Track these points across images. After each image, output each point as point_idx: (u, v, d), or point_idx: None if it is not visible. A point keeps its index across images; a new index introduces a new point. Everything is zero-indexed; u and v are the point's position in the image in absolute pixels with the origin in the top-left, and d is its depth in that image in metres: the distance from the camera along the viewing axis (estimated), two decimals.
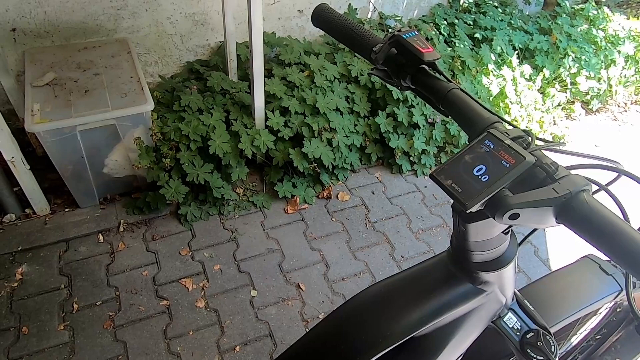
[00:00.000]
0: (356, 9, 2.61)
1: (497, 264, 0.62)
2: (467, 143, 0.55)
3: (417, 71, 0.67)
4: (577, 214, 0.47)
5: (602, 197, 0.52)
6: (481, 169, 0.50)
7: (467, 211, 0.49)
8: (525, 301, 0.75)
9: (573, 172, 0.51)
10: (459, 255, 0.64)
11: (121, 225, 1.91)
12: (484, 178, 0.50)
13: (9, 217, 1.88)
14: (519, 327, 0.73)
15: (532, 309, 0.74)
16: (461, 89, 0.64)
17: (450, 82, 0.65)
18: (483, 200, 0.49)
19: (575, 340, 1.23)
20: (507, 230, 0.59)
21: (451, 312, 0.62)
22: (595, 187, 0.53)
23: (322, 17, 0.78)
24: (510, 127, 0.56)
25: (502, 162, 0.50)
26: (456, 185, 0.50)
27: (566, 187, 0.48)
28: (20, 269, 1.73)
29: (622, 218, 0.47)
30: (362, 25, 0.74)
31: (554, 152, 0.56)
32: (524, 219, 0.49)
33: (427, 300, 0.62)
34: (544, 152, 0.54)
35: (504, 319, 0.73)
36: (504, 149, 0.51)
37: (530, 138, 0.53)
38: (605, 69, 2.90)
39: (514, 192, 0.49)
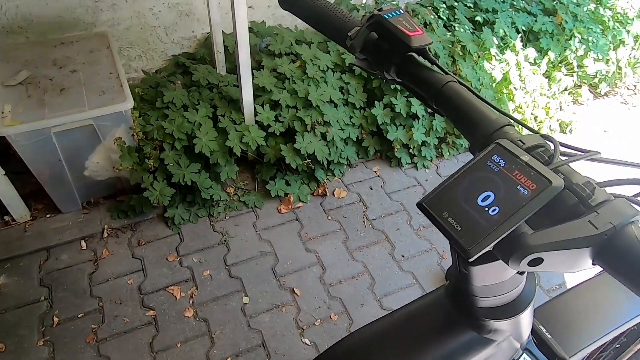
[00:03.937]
0: None
1: (510, 310, 0.48)
2: (472, 155, 0.41)
3: (404, 60, 0.54)
4: (624, 255, 0.34)
5: None
6: (488, 196, 0.38)
7: (470, 260, 0.36)
8: (541, 327, 0.63)
9: (609, 190, 0.38)
10: (459, 297, 0.50)
11: (105, 230, 1.81)
12: (492, 211, 0.37)
13: None
14: None
15: (549, 337, 0.63)
16: (460, 82, 0.50)
17: (447, 73, 0.52)
18: (492, 244, 0.36)
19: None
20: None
21: None
22: None
23: None
24: (525, 132, 0.44)
25: (518, 187, 0.37)
26: (454, 220, 0.37)
27: (608, 219, 0.35)
28: None
29: None
30: (338, 7, 0.61)
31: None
32: (548, 264, 0.36)
33: (422, 351, 0.50)
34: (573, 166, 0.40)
35: None
36: (519, 168, 0.38)
37: (553, 147, 0.40)
38: (613, 50, 2.76)
39: (535, 227, 0.36)
